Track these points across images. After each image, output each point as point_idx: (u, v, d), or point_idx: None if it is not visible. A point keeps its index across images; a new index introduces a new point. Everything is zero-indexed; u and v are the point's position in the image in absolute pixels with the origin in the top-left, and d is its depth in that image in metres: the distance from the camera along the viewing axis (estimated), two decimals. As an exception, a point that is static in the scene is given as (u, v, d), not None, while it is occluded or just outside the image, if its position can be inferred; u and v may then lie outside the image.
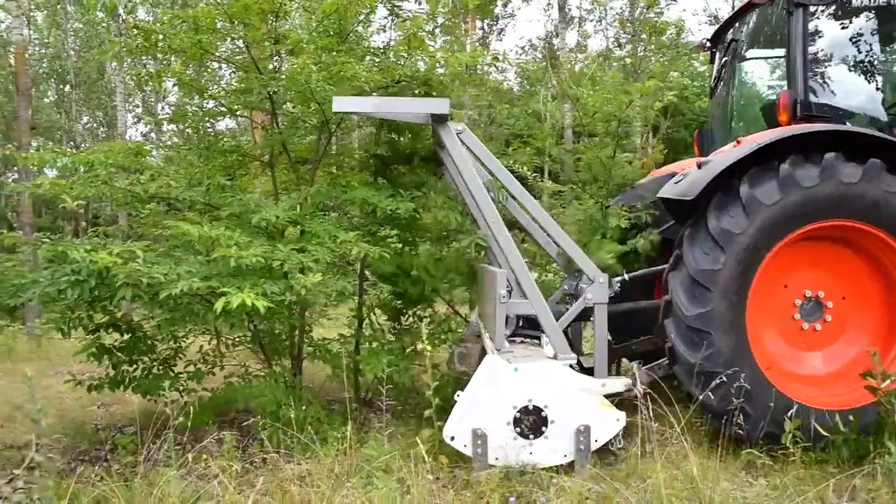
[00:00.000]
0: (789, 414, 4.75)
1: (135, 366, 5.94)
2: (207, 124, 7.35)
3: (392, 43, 6.80)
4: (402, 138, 6.63)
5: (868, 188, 4.87)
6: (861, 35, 5.78)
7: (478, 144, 5.53)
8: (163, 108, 23.55)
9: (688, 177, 5.33)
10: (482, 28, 26.89)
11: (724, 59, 6.68)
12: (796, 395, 4.94)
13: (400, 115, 5.58)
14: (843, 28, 5.78)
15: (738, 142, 5.43)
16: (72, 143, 28.12)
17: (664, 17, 22.30)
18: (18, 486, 4.85)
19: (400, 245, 6.36)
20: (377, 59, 6.38)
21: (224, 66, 7.48)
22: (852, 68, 5.82)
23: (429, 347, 4.92)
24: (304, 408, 5.30)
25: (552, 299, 5.92)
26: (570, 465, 4.79)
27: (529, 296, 5.20)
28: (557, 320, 5.27)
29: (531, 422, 4.77)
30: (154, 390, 5.68)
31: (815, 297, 5.28)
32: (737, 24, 6.53)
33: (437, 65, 6.44)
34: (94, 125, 31.57)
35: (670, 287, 5.13)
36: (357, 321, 6.76)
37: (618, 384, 5.18)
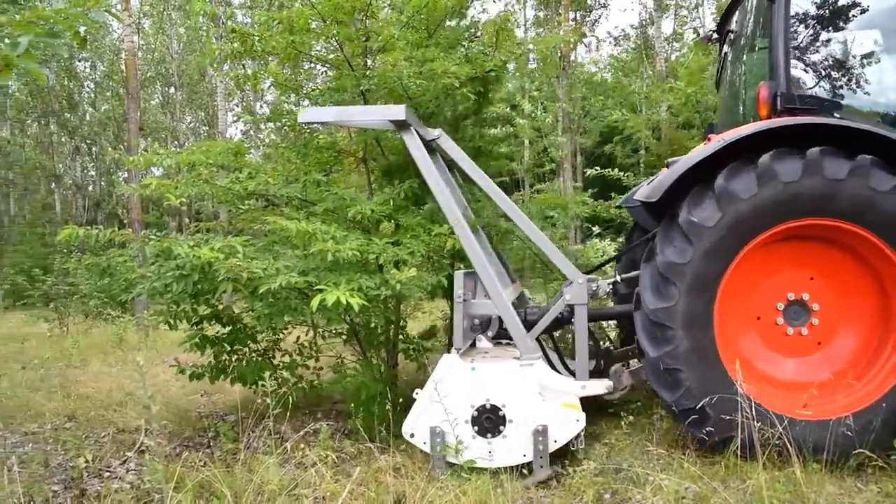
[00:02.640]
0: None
1: (235, 356, 6.15)
2: (303, 122, 7.50)
3: (479, 34, 6.79)
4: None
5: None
6: (849, 20, 5.33)
7: (454, 149, 5.51)
8: (261, 106, 24.31)
9: (657, 178, 5.10)
10: (574, 19, 26.50)
11: (725, 49, 6.37)
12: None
13: (361, 122, 5.62)
14: (828, 14, 5.34)
15: (709, 139, 5.13)
16: (176, 142, 29.45)
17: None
18: (131, 468, 5.11)
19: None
20: (465, 50, 6.38)
21: (319, 65, 7.63)
22: (841, 56, 5.33)
23: None
24: (399, 400, 5.37)
25: (551, 301, 5.80)
26: (665, 463, 4.68)
27: (492, 296, 5.14)
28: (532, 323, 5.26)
29: (489, 421, 4.76)
30: (253, 380, 5.87)
31: (799, 299, 4.93)
32: (737, 13, 6.18)
33: (529, 56, 6.38)
34: (197, 124, 32.95)
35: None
36: (450, 316, 6.79)
37: (599, 386, 5.07)
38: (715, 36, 6.54)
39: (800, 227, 4.65)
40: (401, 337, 6.66)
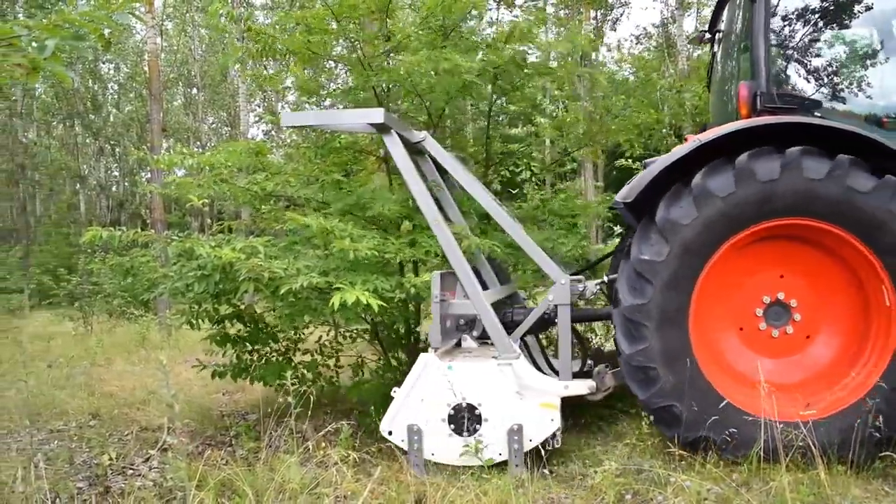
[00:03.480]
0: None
1: (256, 355, 6.18)
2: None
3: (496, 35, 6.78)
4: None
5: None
6: (830, 20, 5.30)
7: (441, 152, 5.53)
8: (282, 107, 24.40)
9: (635, 178, 5.05)
10: (595, 18, 26.36)
11: (715, 49, 6.30)
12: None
13: (342, 126, 5.68)
14: (809, 13, 5.28)
15: (686, 139, 5.06)
16: (198, 142, 29.67)
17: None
18: (154, 466, 5.16)
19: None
20: (486, 52, 6.37)
21: (339, 65, 7.65)
22: (822, 55, 5.30)
23: None
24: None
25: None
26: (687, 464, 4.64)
27: (470, 296, 5.13)
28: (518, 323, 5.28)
29: (465, 419, 4.79)
30: (274, 379, 5.90)
31: (776, 300, 4.85)
32: (725, 12, 6.12)
33: (549, 55, 6.36)
34: (219, 125, 33.16)
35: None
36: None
37: (582, 386, 5.06)
38: (707, 36, 6.49)
39: (753, 233, 4.60)
40: (421, 337, 6.66)
